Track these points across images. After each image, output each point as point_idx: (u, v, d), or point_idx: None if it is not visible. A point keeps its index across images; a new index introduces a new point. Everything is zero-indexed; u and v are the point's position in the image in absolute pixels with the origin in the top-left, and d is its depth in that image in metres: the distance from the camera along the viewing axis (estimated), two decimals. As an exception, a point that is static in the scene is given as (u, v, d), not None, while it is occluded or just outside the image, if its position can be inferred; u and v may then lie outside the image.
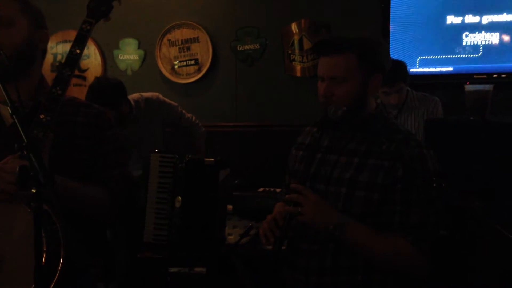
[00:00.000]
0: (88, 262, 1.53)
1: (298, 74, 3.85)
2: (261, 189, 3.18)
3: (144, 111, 3.17)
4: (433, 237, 1.51)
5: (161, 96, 3.29)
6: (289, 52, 3.84)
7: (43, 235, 1.15)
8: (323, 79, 1.60)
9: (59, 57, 4.21)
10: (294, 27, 3.82)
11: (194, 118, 3.41)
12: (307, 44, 3.77)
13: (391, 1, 3.49)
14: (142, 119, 3.15)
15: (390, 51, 3.37)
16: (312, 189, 1.57)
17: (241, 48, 3.95)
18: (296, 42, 3.81)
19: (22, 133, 1.16)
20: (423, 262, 1.51)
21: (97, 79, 3.17)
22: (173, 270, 3.06)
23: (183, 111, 3.37)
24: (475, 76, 3.38)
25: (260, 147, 3.83)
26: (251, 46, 3.93)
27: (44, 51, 1.56)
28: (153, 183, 2.45)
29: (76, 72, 4.25)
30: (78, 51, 1.43)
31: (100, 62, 4.21)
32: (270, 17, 3.89)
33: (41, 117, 1.30)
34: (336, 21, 3.71)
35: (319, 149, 1.65)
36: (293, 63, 3.84)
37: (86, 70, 4.26)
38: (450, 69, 3.45)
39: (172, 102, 3.35)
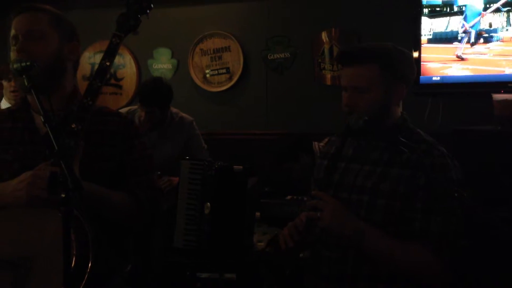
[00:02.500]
0: (117, 266, 1.58)
1: (328, 83, 3.85)
2: (289, 197, 3.19)
3: (174, 125, 3.25)
4: (453, 246, 1.50)
5: (195, 123, 3.34)
6: (319, 60, 3.86)
7: (73, 238, 1.20)
8: (346, 89, 1.63)
9: (96, 67, 4.35)
10: (324, 36, 3.83)
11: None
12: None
13: (422, 8, 3.45)
14: (168, 131, 3.22)
15: (420, 59, 3.37)
16: (335, 198, 1.59)
17: (272, 57, 3.99)
18: (326, 50, 3.83)
19: (53, 140, 1.22)
20: (443, 271, 1.50)
21: (153, 78, 3.34)
22: (203, 275, 3.10)
23: (205, 146, 3.38)
24: (509, 85, 3.31)
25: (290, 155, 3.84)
26: (282, 55, 3.96)
27: (76, 63, 1.62)
28: (183, 189, 2.50)
29: (112, 81, 4.39)
30: (108, 63, 1.49)
31: (135, 71, 4.34)
32: (300, 26, 3.91)
33: (72, 126, 1.36)
34: (367, 30, 3.70)
35: (342, 159, 1.67)
36: (323, 71, 3.86)
37: (122, 79, 4.39)
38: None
39: (200, 135, 3.36)
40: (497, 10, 3.00)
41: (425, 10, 3.43)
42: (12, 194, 1.33)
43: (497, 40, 2.98)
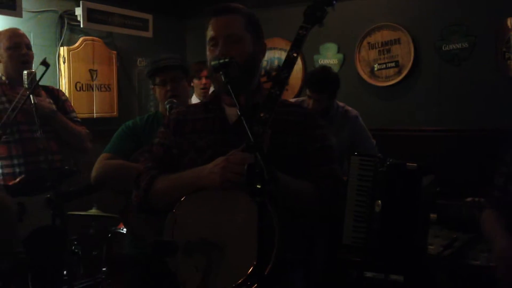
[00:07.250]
0: (296, 257, 1.59)
1: (514, 74, 3.49)
2: (469, 199, 2.95)
3: (339, 117, 3.22)
4: None
5: (360, 117, 3.28)
6: (504, 50, 3.52)
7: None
8: None
9: (264, 64, 4.51)
10: (510, 22, 3.48)
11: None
12: (526, 41, 3.40)
13: None
14: (332, 123, 3.19)
15: None
16: None
17: (447, 48, 3.76)
18: (512, 38, 3.47)
19: (249, 134, 1.27)
20: None
21: (321, 67, 3.46)
22: (368, 274, 3.02)
23: (374, 142, 3.27)
24: None
25: (466, 153, 3.55)
26: (458, 45, 3.71)
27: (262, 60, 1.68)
28: (352, 186, 2.47)
29: (279, 77, 4.50)
30: (295, 54, 1.51)
31: (301, 67, 4.40)
32: (480, 12, 3.61)
33: (261, 115, 1.41)
34: None
35: None
36: (508, 61, 3.51)
37: (288, 75, 4.48)
38: None
39: (367, 130, 3.28)
40: None
41: None
42: (207, 176, 1.42)
43: None
